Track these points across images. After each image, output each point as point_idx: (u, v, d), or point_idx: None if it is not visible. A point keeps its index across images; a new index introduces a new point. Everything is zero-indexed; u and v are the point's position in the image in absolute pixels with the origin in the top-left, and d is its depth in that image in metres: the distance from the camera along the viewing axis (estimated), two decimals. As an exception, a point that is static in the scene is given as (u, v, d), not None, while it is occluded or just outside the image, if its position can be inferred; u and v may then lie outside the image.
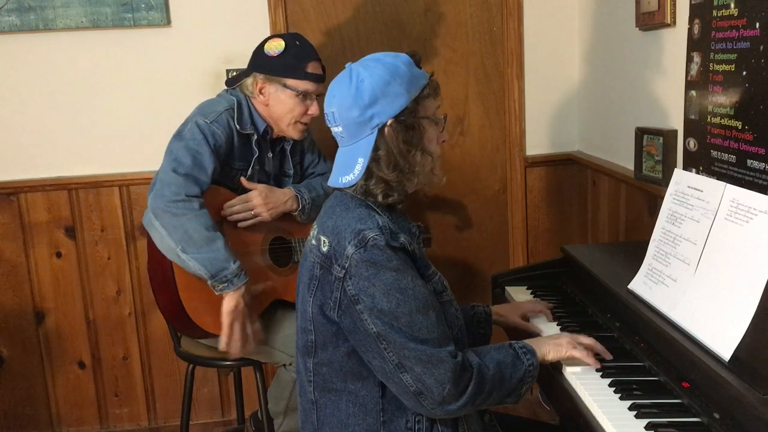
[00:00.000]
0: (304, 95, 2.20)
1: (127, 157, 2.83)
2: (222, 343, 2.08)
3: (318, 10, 2.87)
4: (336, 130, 1.51)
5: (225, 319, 2.06)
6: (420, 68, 1.52)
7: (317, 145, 2.54)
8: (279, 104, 2.21)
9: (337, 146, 1.55)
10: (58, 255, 2.87)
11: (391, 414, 1.48)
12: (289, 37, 2.23)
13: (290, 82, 2.18)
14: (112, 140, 2.83)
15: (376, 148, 1.46)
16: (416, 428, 1.48)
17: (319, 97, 2.24)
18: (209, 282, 2.03)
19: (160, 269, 2.13)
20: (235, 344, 2.08)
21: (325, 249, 1.47)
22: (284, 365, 2.23)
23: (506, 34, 2.94)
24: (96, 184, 2.84)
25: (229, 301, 2.05)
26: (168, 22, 2.77)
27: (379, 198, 1.49)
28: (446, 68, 2.94)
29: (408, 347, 1.39)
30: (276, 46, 2.19)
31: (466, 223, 3.10)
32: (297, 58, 2.18)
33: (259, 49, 2.24)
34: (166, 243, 2.05)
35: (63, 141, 2.82)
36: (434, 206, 3.03)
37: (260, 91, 2.22)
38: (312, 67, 2.20)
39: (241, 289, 2.05)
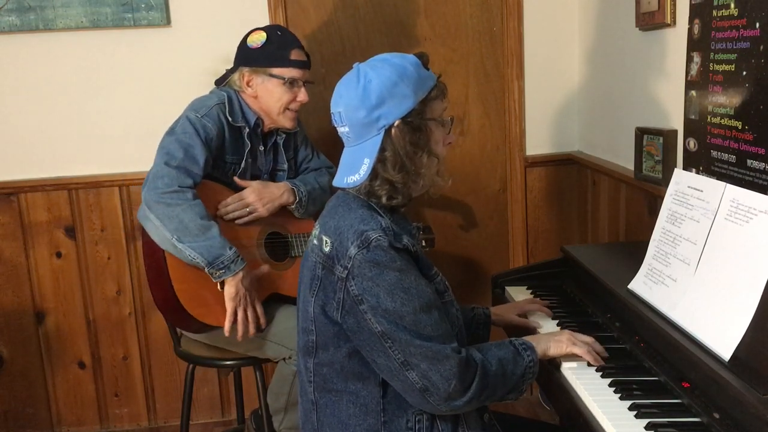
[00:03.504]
0: (291, 82, 2.23)
1: (127, 157, 2.84)
2: (226, 329, 2.11)
3: (318, 10, 2.87)
4: (342, 130, 1.51)
5: (228, 305, 2.09)
6: (428, 69, 1.51)
7: (310, 141, 2.56)
8: (267, 94, 2.25)
9: (341, 146, 1.55)
10: (58, 255, 2.87)
11: (391, 414, 1.48)
12: (270, 29, 2.28)
13: (276, 70, 2.22)
14: (112, 140, 2.83)
15: (382, 149, 1.46)
16: (417, 428, 1.48)
17: (306, 84, 2.28)
18: (207, 270, 2.04)
19: (154, 262, 2.14)
20: (240, 329, 2.11)
21: (327, 249, 1.47)
22: (284, 359, 2.23)
23: (506, 34, 2.94)
24: (96, 184, 2.84)
25: (230, 288, 2.07)
26: (168, 22, 2.77)
27: (383, 200, 1.49)
28: (446, 68, 2.94)
29: (413, 344, 1.39)
30: (258, 38, 2.23)
31: (466, 223, 3.10)
32: (280, 47, 2.22)
33: (243, 43, 2.28)
34: (161, 234, 2.05)
35: (63, 141, 2.82)
36: (434, 206, 3.03)
37: (248, 84, 2.25)
38: (295, 54, 2.24)
39: (240, 275, 2.07)
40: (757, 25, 1.68)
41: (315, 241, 1.54)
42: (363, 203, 1.50)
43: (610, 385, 1.49)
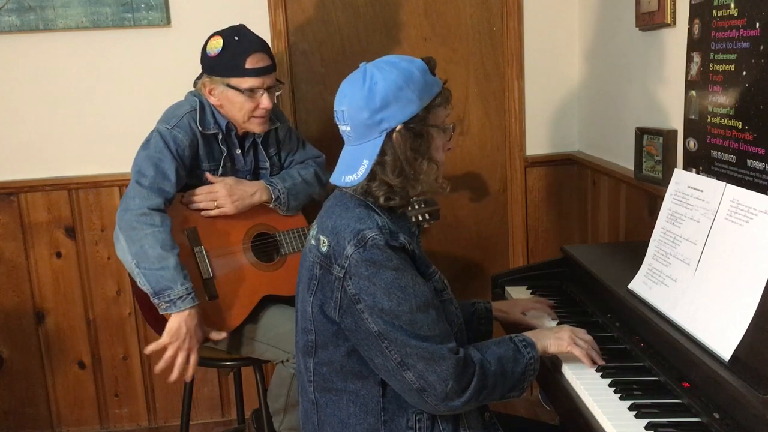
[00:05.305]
0: (251, 91, 2.16)
1: (128, 157, 2.79)
2: (147, 350, 2.06)
3: (318, 11, 2.87)
4: (344, 128, 1.51)
5: (164, 338, 2.02)
6: (434, 75, 1.51)
7: (295, 132, 2.52)
8: (228, 103, 2.19)
9: (340, 145, 1.55)
10: (58, 255, 2.87)
11: (392, 413, 1.49)
12: (228, 34, 2.18)
13: (232, 81, 2.15)
14: (112, 140, 2.83)
15: (382, 152, 1.46)
16: (417, 427, 1.48)
17: (272, 88, 2.20)
18: (152, 299, 2.01)
19: (138, 285, 2.12)
20: (161, 365, 2.04)
21: (324, 249, 1.48)
22: (282, 362, 2.23)
23: (506, 34, 2.94)
24: (96, 184, 2.84)
25: (173, 323, 2.01)
26: (168, 22, 2.77)
27: (381, 200, 1.49)
28: (446, 68, 2.94)
29: (410, 345, 1.39)
30: (215, 46, 2.16)
31: (466, 223, 3.10)
32: (235, 56, 2.14)
33: (203, 49, 2.21)
34: (125, 256, 2.05)
35: (63, 141, 2.82)
36: (434, 206, 3.03)
37: (210, 93, 2.20)
38: (251, 62, 2.14)
39: (185, 313, 2.01)
40: (757, 25, 1.68)
41: (312, 242, 1.54)
42: (360, 202, 1.50)
43: (610, 385, 1.49)
